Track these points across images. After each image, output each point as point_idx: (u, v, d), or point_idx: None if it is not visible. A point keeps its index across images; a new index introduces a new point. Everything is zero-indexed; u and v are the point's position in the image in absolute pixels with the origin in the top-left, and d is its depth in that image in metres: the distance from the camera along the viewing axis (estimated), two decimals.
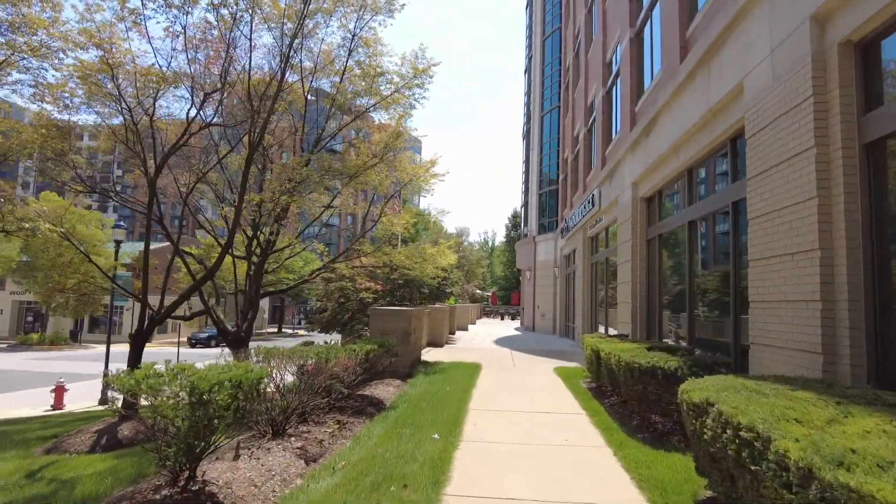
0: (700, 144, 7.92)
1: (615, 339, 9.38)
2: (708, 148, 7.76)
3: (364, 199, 15.16)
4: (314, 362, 6.04)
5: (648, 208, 11.23)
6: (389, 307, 12.17)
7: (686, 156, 8.53)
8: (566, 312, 24.04)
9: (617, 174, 13.02)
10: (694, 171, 8.73)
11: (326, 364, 6.09)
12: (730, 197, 7.05)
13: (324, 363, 6.07)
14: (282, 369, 6.38)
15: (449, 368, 11.77)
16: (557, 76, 28.25)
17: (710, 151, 7.85)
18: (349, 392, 8.40)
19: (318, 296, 21.66)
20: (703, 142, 7.76)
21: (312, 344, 9.39)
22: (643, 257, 11.12)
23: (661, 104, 9.32)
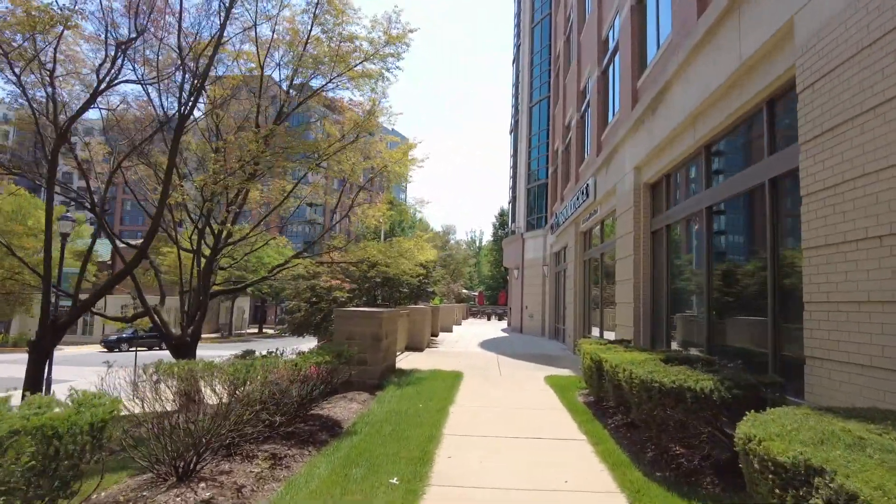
0: (724, 113, 6.55)
1: (617, 346, 7.99)
2: (735, 115, 6.38)
3: (337, 189, 13.58)
4: (229, 386, 4.53)
5: (653, 196, 9.86)
6: (356, 308, 10.67)
7: (704, 129, 7.16)
8: (556, 313, 22.70)
9: (615, 160, 11.65)
10: (713, 148, 7.36)
11: (243, 388, 4.57)
12: (765, 173, 5.67)
13: (241, 386, 4.55)
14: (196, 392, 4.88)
15: (426, 378, 10.30)
16: (547, 65, 26.92)
17: (737, 120, 6.48)
18: (299, 413, 6.93)
19: (290, 295, 20.07)
20: (729, 108, 6.39)
21: (252, 354, 7.91)
22: (647, 251, 9.76)
23: (672, 72, 7.95)
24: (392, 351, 11.13)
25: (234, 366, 4.67)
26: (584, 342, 8.87)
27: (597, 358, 7.20)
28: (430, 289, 19.59)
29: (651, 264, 9.71)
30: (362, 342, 9.99)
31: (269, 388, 4.98)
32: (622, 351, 7.19)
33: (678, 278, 8.69)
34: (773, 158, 5.57)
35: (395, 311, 10.99)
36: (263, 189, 13.29)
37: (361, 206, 14.28)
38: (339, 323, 10.11)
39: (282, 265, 12.10)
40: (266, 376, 4.85)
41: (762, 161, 5.82)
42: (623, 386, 5.75)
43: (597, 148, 13.97)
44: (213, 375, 4.46)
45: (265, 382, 4.79)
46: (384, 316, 10.06)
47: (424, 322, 16.69)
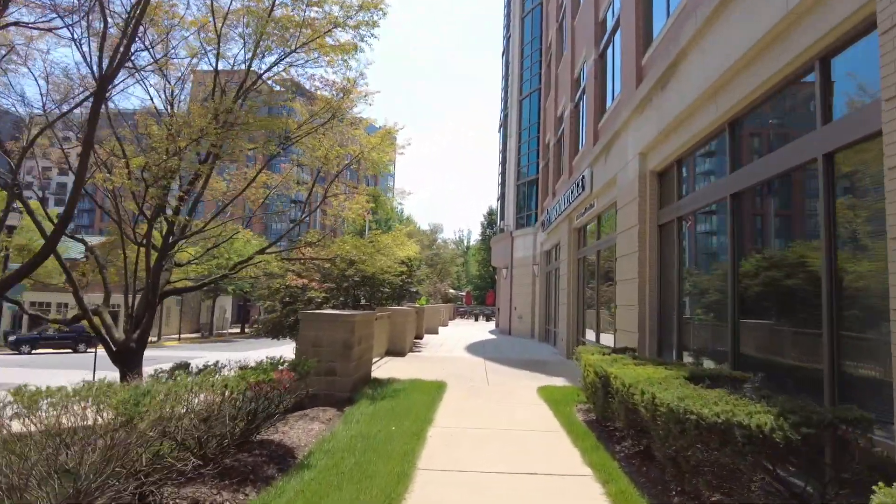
0: (756, 80, 5.44)
1: (624, 357, 6.86)
2: (771, 82, 5.28)
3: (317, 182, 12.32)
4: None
5: (661, 185, 8.77)
6: (324, 311, 9.43)
7: (729, 102, 6.06)
8: (546, 315, 21.62)
9: (616, 147, 10.55)
10: (740, 124, 6.25)
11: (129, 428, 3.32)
12: (818, 147, 4.57)
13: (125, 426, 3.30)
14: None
15: (404, 390, 9.10)
16: (538, 56, 25.84)
17: (774, 87, 5.36)
18: (245, 439, 5.71)
19: (263, 295, 18.72)
20: (763, 73, 5.28)
21: (186, 368, 6.67)
22: (654, 248, 8.66)
23: (688, 39, 6.85)
24: (367, 359, 9.92)
25: (126, 391, 3.42)
26: (583, 351, 7.73)
27: (602, 372, 6.05)
28: (413, 288, 18.38)
29: (658, 262, 8.61)
30: (331, 350, 8.78)
31: (175, 422, 3.75)
32: (631, 364, 6.05)
33: (692, 278, 7.59)
34: (829, 128, 4.46)
35: (369, 313, 9.78)
36: (224, 178, 11.98)
37: (338, 198, 13.03)
38: (304, 327, 8.87)
39: (244, 261, 10.82)
40: (168, 408, 3.60)
41: (812, 133, 4.71)
42: (642, 411, 4.61)
43: (593, 137, 12.87)
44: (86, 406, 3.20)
45: (161, 419, 3.55)
46: (357, 319, 8.84)
47: (407, 325, 15.48)
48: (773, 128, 5.76)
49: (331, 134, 11.65)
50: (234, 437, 4.91)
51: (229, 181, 11.27)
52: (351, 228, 26.04)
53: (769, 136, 5.80)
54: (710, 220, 7.15)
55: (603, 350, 7.71)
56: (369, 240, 12.59)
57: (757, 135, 6.06)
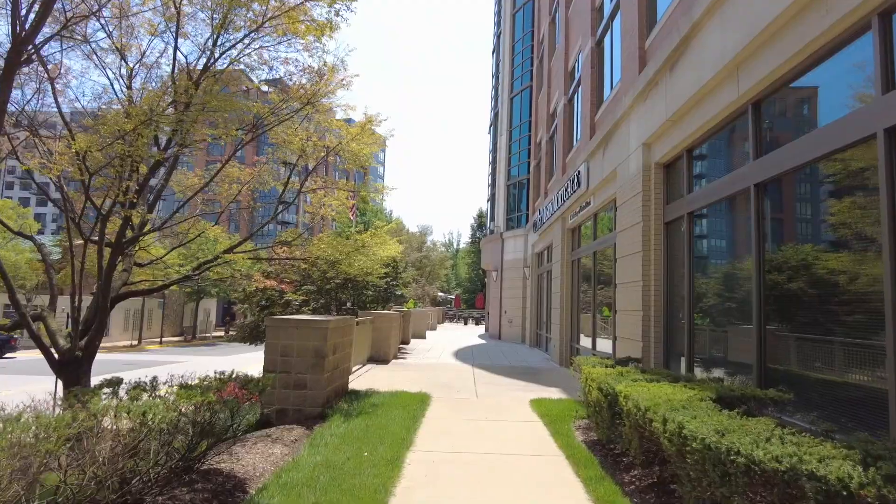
0: (790, 49, 4.64)
1: (631, 369, 6.02)
2: (814, 47, 4.47)
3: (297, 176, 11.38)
4: None
5: (668, 178, 7.96)
6: (294, 316, 8.48)
7: (753, 78, 5.25)
8: (538, 319, 20.80)
9: (615, 139, 9.75)
10: (768, 102, 5.45)
11: None
12: (877, 120, 3.76)
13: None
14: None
15: (383, 404, 8.19)
16: (529, 52, 25.09)
17: (815, 54, 4.55)
18: (189, 466, 4.79)
19: (239, 298, 17.72)
20: (802, 39, 4.48)
21: (119, 384, 5.73)
22: (660, 247, 7.85)
23: (702, 10, 6.05)
24: (343, 369, 8.99)
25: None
26: (583, 363, 6.87)
27: (609, 390, 5.19)
28: (399, 291, 17.46)
29: (665, 263, 7.79)
30: (301, 360, 7.85)
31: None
32: (643, 380, 5.21)
33: (705, 280, 6.77)
34: (893, 96, 3.65)
35: (346, 319, 8.85)
36: (194, 172, 11.00)
37: (317, 195, 12.08)
38: (271, 335, 7.93)
39: (208, 261, 9.86)
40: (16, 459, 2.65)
41: (868, 106, 3.90)
42: (664, 444, 3.75)
43: (590, 130, 12.07)
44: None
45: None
46: (330, 326, 7.91)
47: (391, 330, 14.55)
48: (811, 105, 4.95)
49: (308, 125, 10.74)
50: (158, 478, 3.96)
51: (204, 175, 10.29)
52: (340, 229, 25.06)
53: (806, 116, 4.99)
54: (728, 215, 6.34)
55: (605, 361, 6.86)
56: (346, 236, 11.60)
57: (790, 115, 5.25)
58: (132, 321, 46.87)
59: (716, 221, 6.71)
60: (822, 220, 4.72)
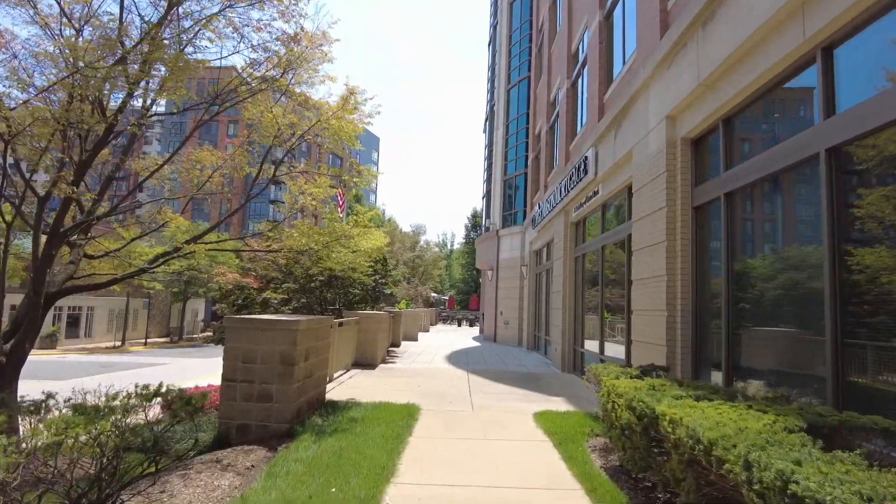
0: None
1: (670, 384, 4.87)
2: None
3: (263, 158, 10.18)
4: None
5: (697, 155, 6.84)
6: (258, 316, 7.26)
7: (826, 16, 4.14)
8: (536, 321, 19.67)
9: (631, 116, 8.63)
10: (844, 46, 4.32)
11: None
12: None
13: None
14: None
15: (364, 419, 7.00)
16: (527, 41, 24.02)
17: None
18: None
19: (216, 297, 16.45)
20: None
21: (48, 400, 4.51)
22: (687, 236, 6.72)
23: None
24: (319, 377, 7.78)
25: None
26: (602, 373, 5.72)
27: (645, 411, 4.03)
28: (387, 290, 16.25)
29: (693, 254, 6.67)
30: (266, 367, 6.66)
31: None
32: (687, 397, 4.07)
33: (750, 274, 5.64)
34: None
35: (321, 319, 7.65)
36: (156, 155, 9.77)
37: (296, 182, 10.88)
38: (231, 337, 6.73)
39: (166, 254, 8.63)
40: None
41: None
42: (749, 499, 2.59)
43: (598, 112, 10.95)
44: None
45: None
46: (300, 327, 6.71)
47: (379, 332, 13.36)
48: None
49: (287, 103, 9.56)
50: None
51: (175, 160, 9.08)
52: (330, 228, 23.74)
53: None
54: (782, 194, 5.21)
55: (628, 371, 5.72)
56: (321, 223, 10.35)
57: (876, 59, 4.13)
58: (116, 321, 45.40)
59: (764, 202, 5.58)
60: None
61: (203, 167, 10.69)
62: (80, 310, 46.02)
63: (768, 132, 5.46)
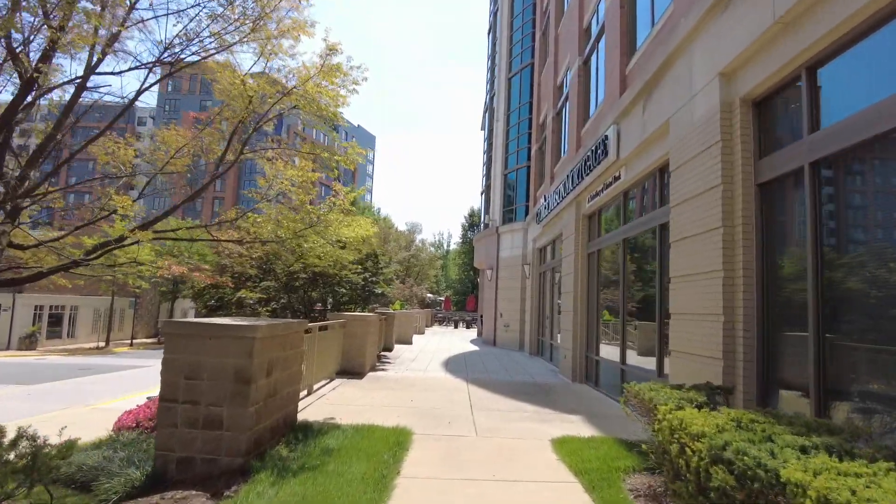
0: None
1: (764, 419, 3.46)
2: None
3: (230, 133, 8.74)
4: None
5: (762, 118, 5.44)
6: (204, 320, 5.79)
7: None
8: (540, 324, 18.26)
9: (666, 82, 7.24)
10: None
11: None
12: None
13: None
14: None
15: (341, 449, 5.57)
16: (530, 27, 22.65)
17: None
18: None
19: (188, 296, 14.96)
20: None
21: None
22: (752, 219, 5.32)
23: None
24: (287, 395, 6.33)
25: None
26: (654, 397, 4.30)
27: (758, 474, 2.60)
28: (378, 289, 14.82)
29: (760, 243, 5.27)
30: (215, 386, 5.21)
31: None
32: (818, 450, 2.66)
33: (853, 267, 4.23)
34: None
35: (290, 324, 6.19)
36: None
37: (274, 165, 9.42)
38: (170, 346, 5.28)
39: (106, 245, 7.14)
40: None
41: None
42: None
43: (619, 86, 9.56)
44: None
45: None
46: (259, 335, 5.26)
47: (367, 335, 11.92)
48: None
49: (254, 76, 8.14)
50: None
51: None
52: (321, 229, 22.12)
53: None
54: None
55: (690, 396, 4.30)
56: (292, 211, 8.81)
57: None
58: (102, 321, 43.68)
59: (877, 171, 4.18)
60: None
61: (169, 149, 9.28)
62: (62, 309, 44.31)
63: (882, 76, 4.06)
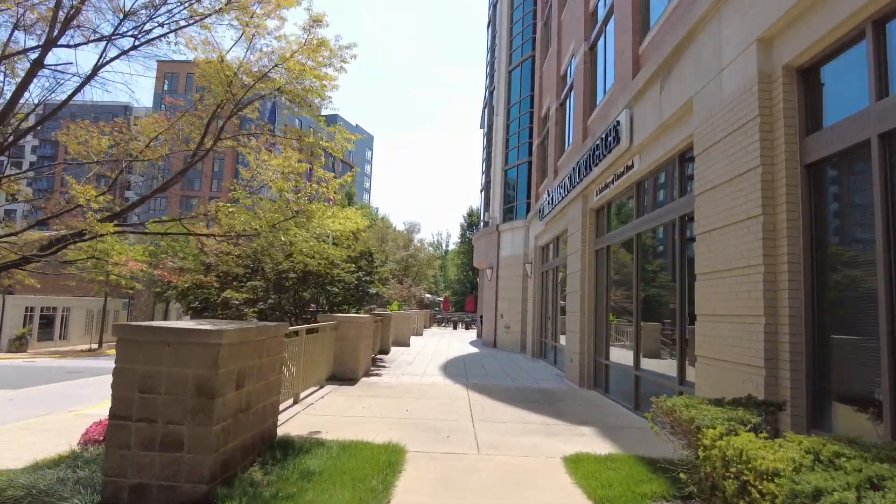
0: None
1: (850, 451, 2.73)
2: None
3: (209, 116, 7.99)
4: None
5: (809, 89, 4.70)
6: (160, 323, 5.03)
7: None
8: (542, 325, 17.52)
9: (688, 57, 6.52)
10: None
11: None
12: None
13: None
14: None
15: (322, 474, 4.82)
16: (531, 18, 21.93)
17: None
18: None
19: (173, 296, 14.23)
20: None
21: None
22: (797, 205, 4.59)
23: None
24: (264, 409, 5.57)
25: None
26: (694, 415, 3.57)
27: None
28: (372, 289, 14.07)
29: (809, 232, 4.53)
30: (174, 400, 4.47)
31: None
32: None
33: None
34: None
35: (265, 328, 5.43)
36: None
37: (261, 156, 8.67)
38: (124, 354, 4.53)
39: (63, 240, 6.35)
40: None
41: None
42: None
43: (632, 67, 8.84)
44: None
45: None
46: (225, 341, 4.51)
47: (361, 338, 11.17)
48: None
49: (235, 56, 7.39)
50: None
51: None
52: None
53: None
54: None
55: (740, 415, 3.56)
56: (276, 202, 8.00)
57: None
58: (95, 323, 42.84)
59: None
60: None
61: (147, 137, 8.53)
62: (54, 310, 43.47)
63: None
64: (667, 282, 7.65)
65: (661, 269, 8.06)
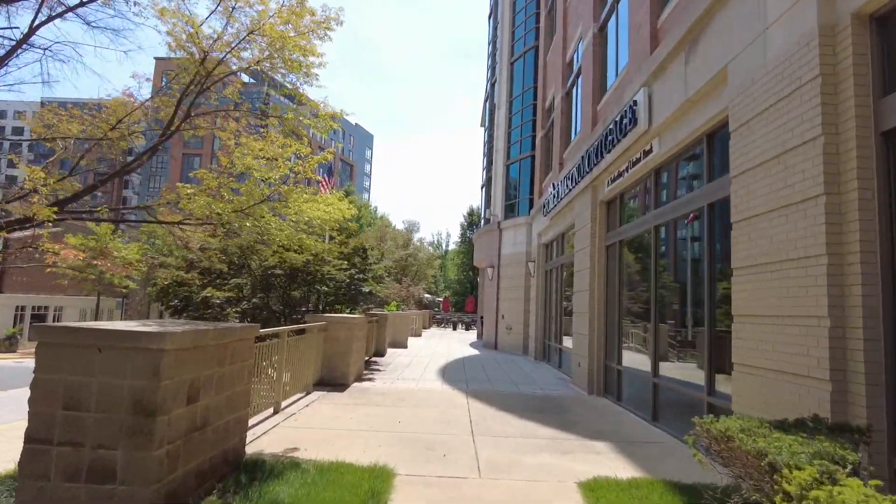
0: None
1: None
2: None
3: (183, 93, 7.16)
4: None
5: (883, 42, 3.88)
6: (92, 324, 4.20)
7: None
8: (546, 326, 16.67)
9: (720, 21, 5.70)
10: None
11: None
12: None
13: None
14: None
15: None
16: (533, 7, 21.11)
17: None
18: None
19: (153, 294, 13.37)
20: None
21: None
22: (872, 183, 3.76)
23: None
24: (227, 427, 4.73)
25: None
26: (761, 446, 2.72)
27: None
28: (366, 288, 13.23)
29: (888, 216, 3.71)
30: (106, 418, 3.63)
31: None
32: None
33: None
34: None
35: (225, 330, 4.57)
36: None
37: (242, 140, 7.83)
38: (45, 363, 3.70)
39: (6, 227, 5.57)
40: None
41: None
42: None
43: (650, 43, 8.01)
44: None
45: None
46: (169, 345, 3.67)
47: (352, 341, 10.33)
48: None
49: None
50: None
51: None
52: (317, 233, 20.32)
53: None
54: None
55: (828, 449, 2.73)
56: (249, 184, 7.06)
57: None
58: (87, 322, 42.11)
59: None
60: None
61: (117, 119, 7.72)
62: (46, 309, 42.73)
63: None
64: (689, 278, 6.81)
65: (683, 263, 7.23)
